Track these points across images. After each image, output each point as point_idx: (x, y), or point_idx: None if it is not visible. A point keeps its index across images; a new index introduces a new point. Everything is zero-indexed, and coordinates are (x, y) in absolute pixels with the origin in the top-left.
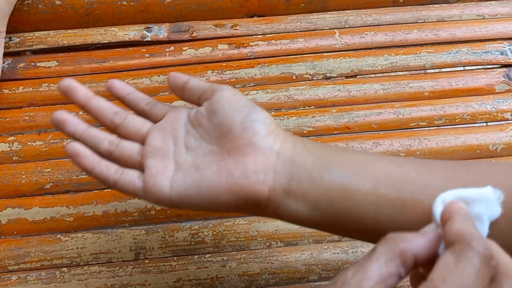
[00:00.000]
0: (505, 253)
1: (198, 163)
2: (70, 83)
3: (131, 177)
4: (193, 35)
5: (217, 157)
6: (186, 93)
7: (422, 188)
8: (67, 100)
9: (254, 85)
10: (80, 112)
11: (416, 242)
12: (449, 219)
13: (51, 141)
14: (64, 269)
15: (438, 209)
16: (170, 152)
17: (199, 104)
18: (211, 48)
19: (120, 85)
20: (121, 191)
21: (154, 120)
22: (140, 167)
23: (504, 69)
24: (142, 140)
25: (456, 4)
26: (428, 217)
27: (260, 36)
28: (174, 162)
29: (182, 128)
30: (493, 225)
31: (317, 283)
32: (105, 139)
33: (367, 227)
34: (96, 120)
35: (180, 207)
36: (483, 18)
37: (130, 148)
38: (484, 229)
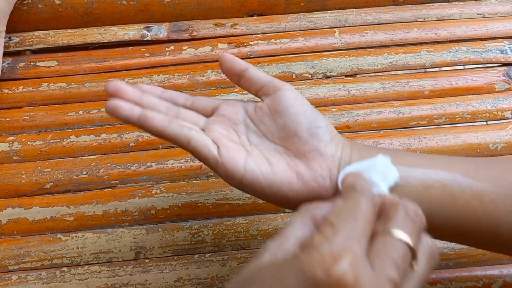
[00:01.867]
0: (389, 194)
1: (267, 156)
2: (118, 85)
3: (206, 141)
4: (193, 34)
5: (285, 156)
6: (243, 81)
7: (469, 189)
8: (67, 99)
9: None
10: (80, 112)
11: (325, 207)
12: (344, 181)
13: (51, 141)
14: (65, 268)
15: (340, 181)
16: (235, 141)
17: (257, 95)
18: (211, 48)
19: (148, 88)
20: (193, 152)
21: (204, 114)
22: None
23: (504, 67)
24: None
25: (456, 2)
26: (471, 215)
27: (260, 35)
28: (245, 149)
29: (242, 123)
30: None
31: None
32: (167, 109)
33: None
34: None
35: (245, 189)
36: (483, 17)
37: (197, 121)
38: (382, 192)
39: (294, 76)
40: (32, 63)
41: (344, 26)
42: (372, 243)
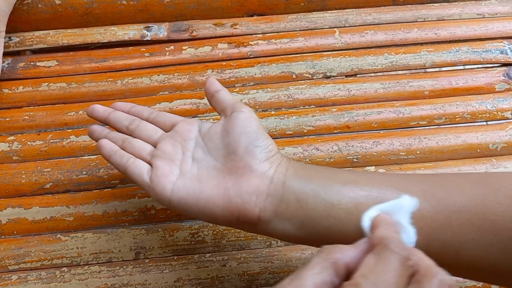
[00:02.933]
0: (426, 257)
1: (200, 176)
2: (91, 107)
3: (140, 170)
4: (192, 34)
5: (218, 174)
6: (213, 101)
7: None
8: (67, 99)
9: (254, 84)
10: (80, 111)
11: (348, 253)
12: (375, 229)
13: (51, 140)
14: (64, 268)
15: (366, 224)
16: (177, 159)
17: (220, 114)
18: (211, 47)
19: (119, 105)
20: (130, 178)
21: (162, 128)
22: (149, 164)
23: (504, 68)
24: (153, 145)
25: (456, 3)
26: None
27: (260, 35)
28: (179, 169)
29: (192, 140)
30: None
31: None
32: (120, 138)
33: (349, 243)
34: (114, 128)
35: (177, 210)
36: (483, 17)
37: (141, 146)
38: (410, 235)
39: (294, 76)
40: (32, 63)
41: (344, 26)
42: None
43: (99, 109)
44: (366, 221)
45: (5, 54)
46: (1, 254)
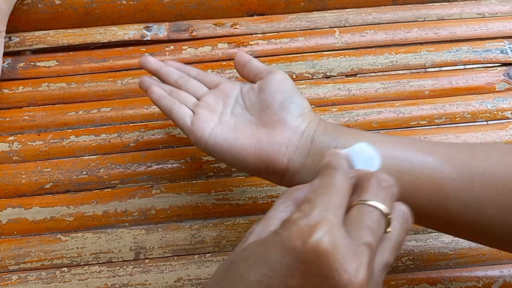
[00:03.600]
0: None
1: (236, 126)
2: (144, 58)
3: (184, 113)
4: (192, 34)
5: (253, 126)
6: (245, 70)
7: (421, 165)
8: (67, 99)
9: None
10: (80, 111)
11: (305, 188)
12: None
13: (51, 141)
14: (65, 268)
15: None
16: (218, 111)
17: (253, 81)
18: (211, 47)
19: (170, 62)
20: (173, 120)
21: (209, 86)
22: (192, 112)
23: (505, 67)
24: (198, 99)
25: (456, 2)
26: (419, 190)
27: (260, 35)
28: (218, 118)
29: (233, 97)
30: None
31: None
32: (169, 87)
33: None
34: (165, 82)
35: (211, 154)
36: (483, 17)
37: (187, 97)
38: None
39: (294, 76)
40: (32, 63)
41: (344, 26)
42: (348, 213)
43: (151, 60)
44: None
45: (5, 54)
46: (1, 254)
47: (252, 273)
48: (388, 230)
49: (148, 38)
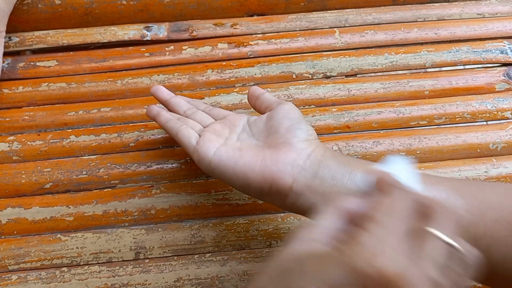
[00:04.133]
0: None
1: (242, 147)
2: (156, 87)
3: (190, 134)
4: (192, 34)
5: (259, 147)
6: (258, 102)
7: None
8: (67, 99)
9: (254, 84)
10: (80, 111)
11: (353, 201)
12: (379, 180)
13: (51, 140)
14: (64, 268)
15: (361, 183)
16: (224, 135)
17: (264, 112)
18: (211, 47)
19: (179, 97)
20: (178, 141)
21: (215, 119)
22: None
23: (504, 67)
24: (205, 127)
25: (456, 2)
26: None
27: (260, 35)
28: (224, 141)
29: (240, 126)
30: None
31: None
32: (177, 116)
33: None
34: (173, 112)
35: (214, 173)
36: (483, 17)
37: (195, 124)
38: (411, 185)
39: (294, 76)
40: (32, 63)
41: (344, 26)
42: (411, 241)
43: (163, 90)
44: (361, 182)
45: (5, 54)
46: (1, 254)
47: (306, 286)
48: (454, 267)
49: (148, 38)
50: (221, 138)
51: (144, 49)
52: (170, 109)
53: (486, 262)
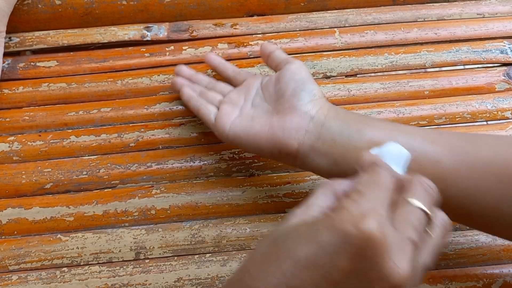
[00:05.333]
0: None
1: (254, 116)
2: (179, 67)
3: (209, 110)
4: (193, 34)
5: (268, 114)
6: (269, 60)
7: (424, 154)
8: (67, 100)
9: None
10: (80, 112)
11: (345, 182)
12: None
13: (51, 141)
14: (65, 268)
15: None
16: (239, 104)
17: (276, 71)
18: (211, 48)
19: (215, 58)
20: (201, 119)
21: (237, 84)
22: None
23: (504, 67)
24: (224, 96)
25: (456, 2)
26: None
27: (260, 35)
28: (239, 111)
29: (254, 90)
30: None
31: None
32: (199, 88)
33: None
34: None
35: (233, 144)
36: (483, 17)
37: (214, 95)
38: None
39: None
40: (32, 63)
41: (344, 26)
42: (392, 210)
43: (185, 69)
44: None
45: (5, 54)
46: (1, 254)
47: (300, 249)
48: (430, 231)
49: (148, 39)
50: (237, 108)
51: (144, 49)
52: (193, 82)
53: (475, 212)
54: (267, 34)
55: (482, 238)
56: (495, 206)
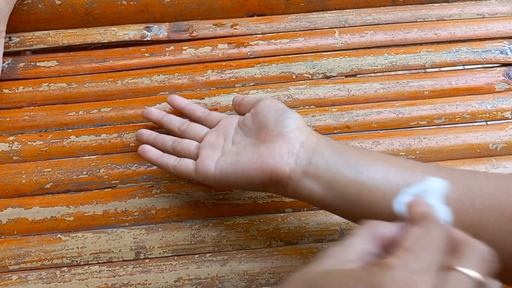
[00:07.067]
0: (461, 232)
1: (238, 151)
2: (147, 110)
3: (186, 162)
4: (193, 34)
5: (253, 146)
6: (241, 107)
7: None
8: (67, 100)
9: (254, 85)
10: (80, 112)
11: (389, 227)
12: (414, 208)
13: (51, 141)
14: (65, 268)
15: (398, 207)
16: (219, 145)
17: (249, 112)
18: (211, 48)
19: (179, 99)
20: (177, 174)
21: (210, 126)
22: (195, 158)
23: (504, 68)
24: (200, 140)
25: (456, 3)
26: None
27: (260, 35)
28: (221, 151)
29: (232, 129)
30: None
31: None
32: (170, 139)
33: (374, 211)
34: (167, 130)
35: (222, 184)
36: (483, 17)
37: (189, 143)
38: (444, 215)
39: (294, 76)
40: (32, 63)
41: (344, 27)
42: (442, 274)
43: (154, 112)
44: (398, 205)
45: (5, 54)
46: (1, 254)
47: None
48: None
49: (148, 39)
50: (218, 149)
51: (144, 49)
52: (164, 128)
53: None
54: (267, 34)
55: None
56: (497, 243)
